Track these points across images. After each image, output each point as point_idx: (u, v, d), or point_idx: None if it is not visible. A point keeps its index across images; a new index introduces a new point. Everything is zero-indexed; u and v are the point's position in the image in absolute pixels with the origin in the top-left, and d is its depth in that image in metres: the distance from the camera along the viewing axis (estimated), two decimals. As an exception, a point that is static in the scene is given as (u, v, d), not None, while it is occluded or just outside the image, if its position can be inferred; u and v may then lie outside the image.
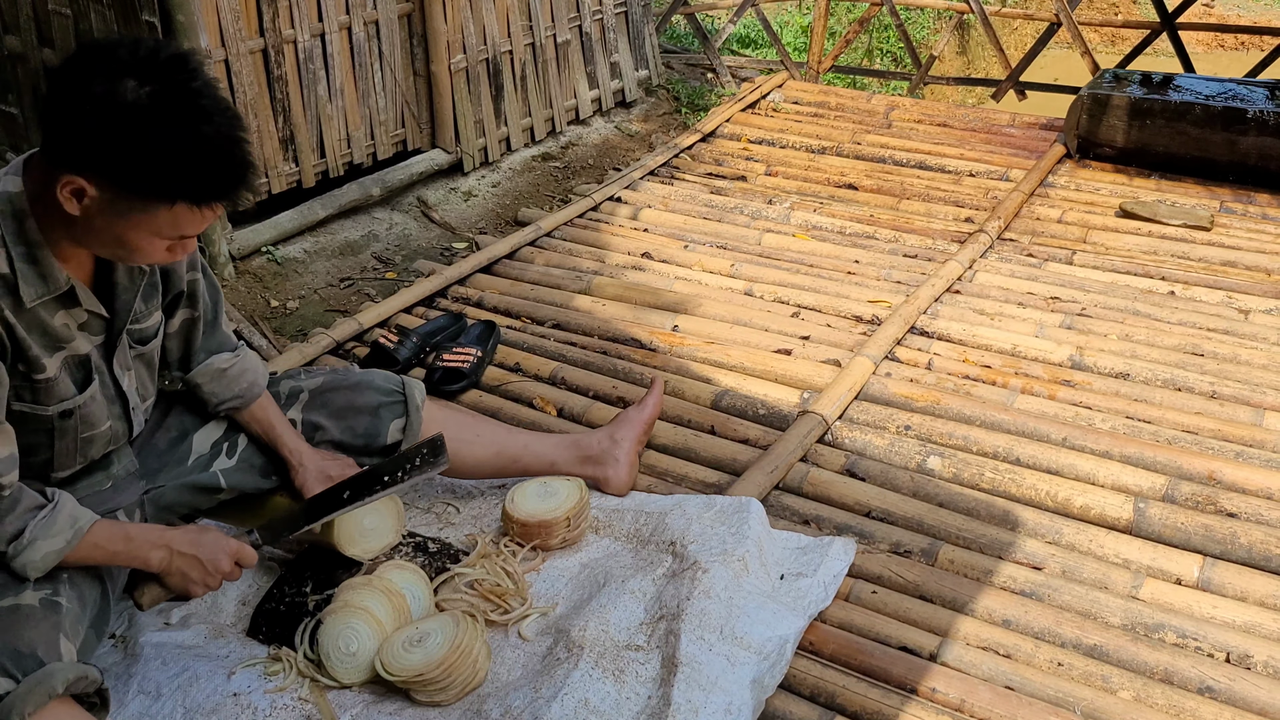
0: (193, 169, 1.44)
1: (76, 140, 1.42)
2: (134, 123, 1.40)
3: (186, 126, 1.42)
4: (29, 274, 1.52)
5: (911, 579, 2.11)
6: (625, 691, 1.77)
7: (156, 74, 1.41)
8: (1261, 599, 2.07)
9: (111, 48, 1.42)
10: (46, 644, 1.52)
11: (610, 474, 2.28)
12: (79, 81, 1.41)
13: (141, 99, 1.40)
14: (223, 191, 1.48)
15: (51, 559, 1.58)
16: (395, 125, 3.92)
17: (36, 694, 1.45)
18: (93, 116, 1.40)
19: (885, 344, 2.92)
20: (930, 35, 9.30)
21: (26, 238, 1.51)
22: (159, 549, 1.68)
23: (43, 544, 1.56)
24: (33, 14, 3.43)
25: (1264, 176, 4.04)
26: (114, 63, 1.41)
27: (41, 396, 1.61)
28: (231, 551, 1.74)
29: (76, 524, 1.60)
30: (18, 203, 1.50)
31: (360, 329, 3.05)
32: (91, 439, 1.73)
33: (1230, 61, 9.93)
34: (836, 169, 4.29)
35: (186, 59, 1.45)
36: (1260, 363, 2.86)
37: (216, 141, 1.45)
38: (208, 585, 1.72)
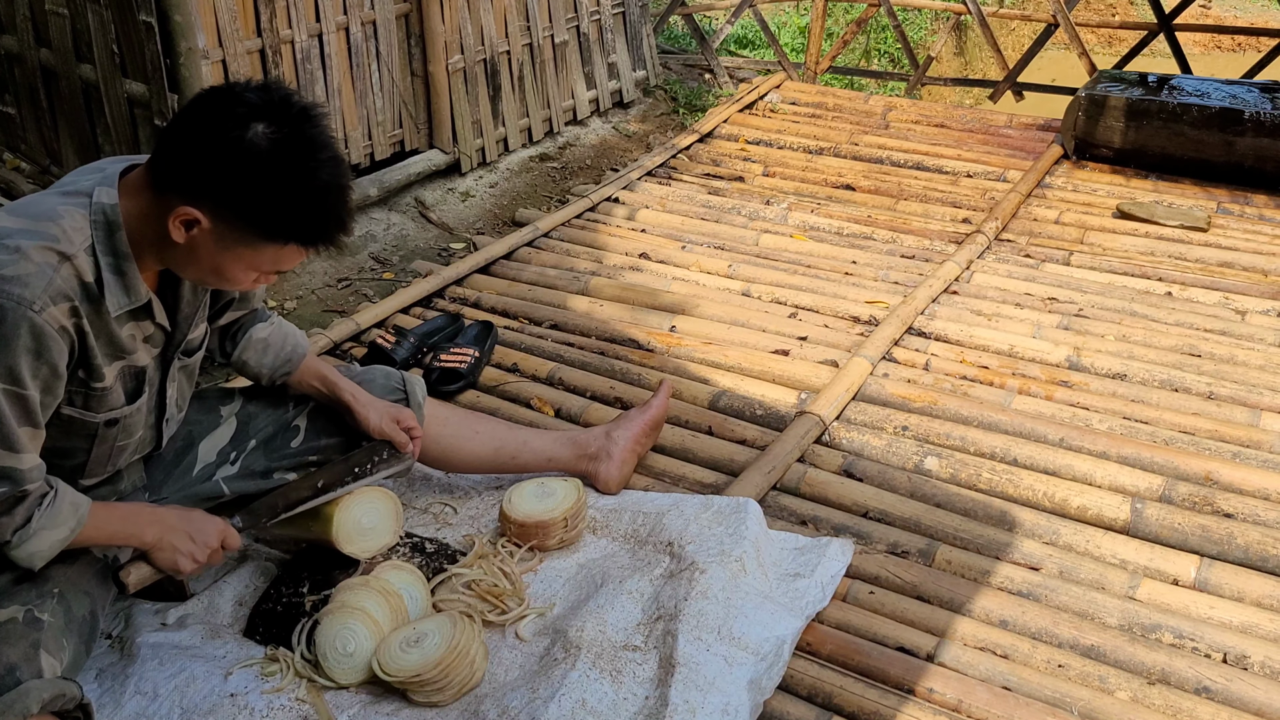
0: (310, 213, 1.51)
1: (201, 176, 1.47)
2: (262, 165, 1.45)
3: (308, 173, 1.48)
4: (114, 285, 1.55)
5: (909, 579, 2.11)
6: (622, 692, 1.77)
7: (285, 121, 1.47)
8: (1258, 599, 2.07)
9: (242, 91, 1.48)
10: (25, 661, 1.51)
11: (602, 470, 2.29)
12: (210, 121, 1.47)
13: (269, 143, 1.45)
14: (331, 235, 1.54)
15: (56, 547, 1.59)
16: (393, 126, 3.92)
17: (10, 714, 1.44)
18: (222, 156, 1.45)
19: (882, 345, 2.92)
20: (928, 36, 9.30)
21: (116, 249, 1.54)
22: (152, 524, 1.70)
23: (48, 533, 1.57)
24: (29, 14, 3.43)
25: (1261, 177, 4.04)
26: (245, 106, 1.46)
27: (93, 404, 1.62)
28: (219, 530, 1.76)
29: (79, 511, 1.61)
30: (111, 215, 1.53)
31: (358, 329, 3.05)
32: (125, 448, 1.75)
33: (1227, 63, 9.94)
34: (834, 170, 4.29)
35: (312, 109, 1.51)
36: (1257, 363, 2.86)
37: (333, 189, 1.52)
38: (195, 559, 1.73)
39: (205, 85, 3.14)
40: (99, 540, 1.66)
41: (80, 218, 1.51)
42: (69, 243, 1.49)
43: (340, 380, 2.03)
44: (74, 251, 1.49)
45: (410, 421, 2.05)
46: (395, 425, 2.03)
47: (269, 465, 2.01)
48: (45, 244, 1.47)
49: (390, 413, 2.03)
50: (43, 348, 1.47)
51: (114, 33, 3.15)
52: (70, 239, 1.49)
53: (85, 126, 3.42)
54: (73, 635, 1.63)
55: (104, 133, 3.36)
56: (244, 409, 2.02)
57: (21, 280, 1.43)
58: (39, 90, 3.53)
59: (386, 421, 2.02)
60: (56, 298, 1.47)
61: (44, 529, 1.56)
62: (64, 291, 1.48)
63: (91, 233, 1.52)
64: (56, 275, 1.47)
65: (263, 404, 2.04)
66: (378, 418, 2.01)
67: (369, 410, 2.01)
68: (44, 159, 3.63)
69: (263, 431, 2.02)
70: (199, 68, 3.12)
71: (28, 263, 1.45)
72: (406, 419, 2.05)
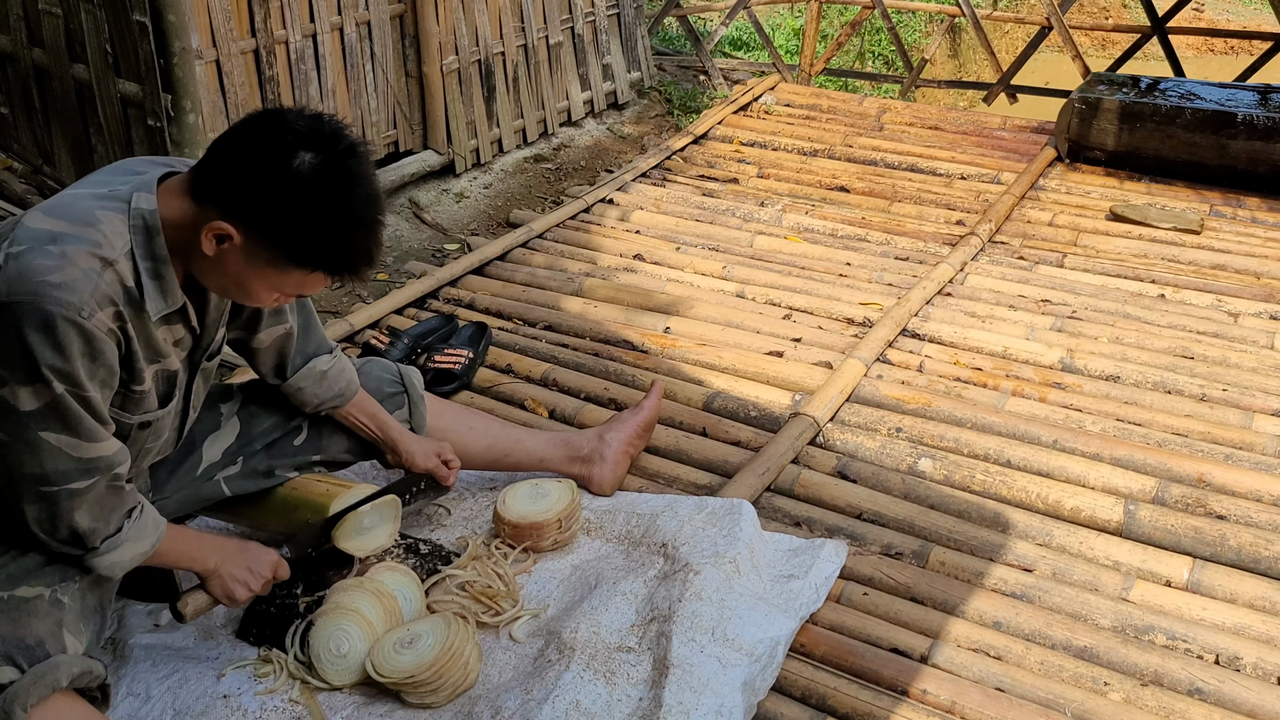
0: (341, 244, 1.52)
1: (241, 194, 1.48)
2: (301, 193, 1.47)
3: (344, 205, 1.50)
4: (153, 289, 1.56)
5: (903, 581, 2.11)
6: (616, 693, 1.77)
7: (332, 152, 1.49)
8: (1250, 601, 2.07)
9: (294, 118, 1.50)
10: (52, 637, 1.55)
11: (594, 472, 2.29)
12: (258, 143, 1.49)
13: (312, 172, 1.47)
14: (357, 267, 1.56)
15: (137, 560, 1.64)
16: (387, 126, 3.91)
17: (40, 685, 1.48)
18: (265, 179, 1.47)
19: (876, 346, 2.92)
20: (922, 38, 9.32)
21: (154, 254, 1.55)
22: (215, 551, 1.76)
23: (132, 545, 1.63)
24: (23, 14, 3.42)
25: (1253, 180, 4.05)
26: (294, 134, 1.48)
27: (130, 406, 1.64)
28: (274, 562, 1.81)
29: (159, 528, 1.67)
30: (150, 220, 1.54)
31: (351, 330, 3.05)
32: (151, 449, 1.77)
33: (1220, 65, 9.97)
34: (828, 171, 4.30)
35: (359, 145, 1.53)
36: (1249, 366, 2.87)
37: (366, 221, 1.53)
38: (250, 590, 1.78)
39: (199, 85, 3.15)
40: (168, 559, 1.72)
41: (120, 222, 1.52)
42: (110, 248, 1.50)
43: (388, 419, 2.10)
44: (115, 257, 1.51)
45: (450, 454, 2.15)
46: (438, 461, 2.13)
47: (271, 465, 2.03)
48: (87, 249, 1.48)
49: (433, 449, 2.13)
50: (96, 351, 1.49)
51: (107, 33, 3.14)
52: (111, 244, 1.51)
53: (78, 127, 3.42)
54: (89, 622, 1.65)
55: (97, 133, 3.35)
56: (245, 408, 2.03)
57: (69, 287, 1.45)
58: (32, 90, 3.52)
59: (431, 459, 2.12)
60: (103, 303, 1.48)
61: (129, 540, 1.62)
62: (109, 296, 1.49)
63: (130, 237, 1.53)
64: (101, 280, 1.48)
65: (263, 403, 2.04)
66: (423, 458, 2.11)
67: (414, 448, 2.11)
68: (37, 159, 3.62)
69: (267, 434, 2.03)
70: (193, 68, 3.11)
71: (73, 269, 1.46)
72: (446, 452, 2.14)
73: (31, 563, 1.60)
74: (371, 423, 2.08)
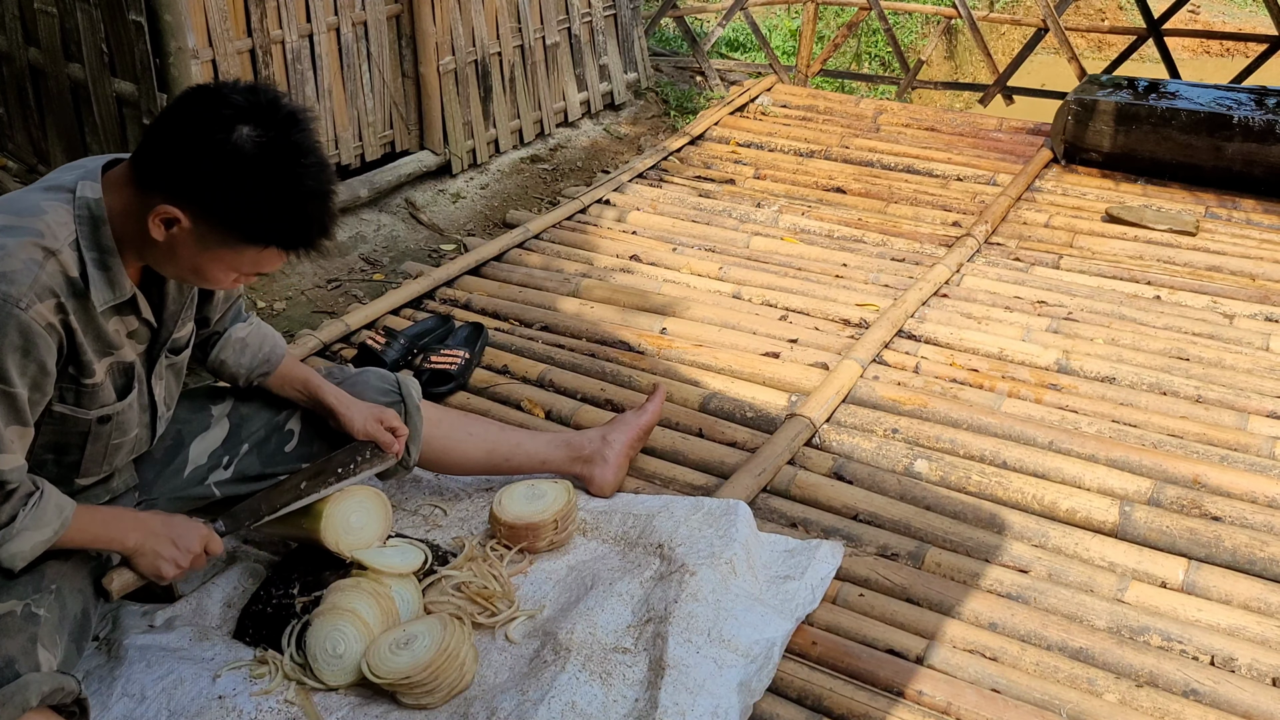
0: (292, 217, 1.49)
1: (184, 175, 1.46)
2: (244, 168, 1.44)
3: (291, 177, 1.47)
4: (99, 279, 1.54)
5: (899, 582, 2.11)
6: (612, 694, 1.77)
7: (272, 124, 1.45)
8: (1245, 602, 2.08)
9: (229, 92, 1.46)
10: (23, 654, 1.51)
11: (596, 473, 2.29)
12: (195, 121, 1.45)
13: (254, 146, 1.44)
14: (312, 240, 1.53)
15: (39, 548, 1.57)
16: (383, 126, 3.91)
17: (10, 707, 1.44)
18: (206, 157, 1.44)
19: (873, 347, 2.92)
20: (918, 40, 9.33)
21: (100, 244, 1.53)
22: (135, 529, 1.69)
23: (32, 534, 1.56)
24: (18, 13, 3.41)
25: (1249, 182, 4.06)
26: (232, 108, 1.44)
27: (85, 400, 1.62)
28: (202, 535, 1.75)
29: (63, 513, 1.60)
30: (96, 209, 1.52)
31: (347, 330, 3.04)
32: (120, 446, 1.74)
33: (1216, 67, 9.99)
34: (825, 172, 4.30)
35: (300, 114, 1.49)
36: (1245, 367, 2.88)
37: (316, 194, 1.50)
38: (178, 565, 1.71)
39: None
40: (81, 543, 1.65)
41: (64, 212, 1.51)
42: (53, 238, 1.48)
43: (322, 384, 2.01)
44: (58, 246, 1.49)
45: (394, 421, 2.04)
46: (379, 425, 2.02)
47: (262, 470, 2.01)
48: (30, 239, 1.46)
49: (374, 413, 2.02)
50: (30, 345, 1.46)
51: (103, 32, 3.14)
52: (55, 234, 1.49)
53: (74, 126, 3.41)
54: (66, 632, 1.62)
55: (92, 132, 3.35)
56: (235, 410, 2.01)
57: (7, 278, 1.43)
58: (27, 89, 3.51)
59: (371, 423, 2.01)
60: (43, 294, 1.46)
61: (27, 529, 1.55)
62: (50, 287, 1.47)
63: (75, 227, 1.51)
64: (42, 271, 1.46)
65: (255, 405, 2.03)
66: (361, 420, 2.00)
67: (352, 413, 2.00)
68: (32, 158, 3.62)
69: (256, 435, 2.01)
70: (189, 67, 3.11)
71: (12, 259, 1.44)
72: (390, 418, 2.04)
73: (3, 578, 1.57)
74: (304, 389, 2.01)
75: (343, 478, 1.98)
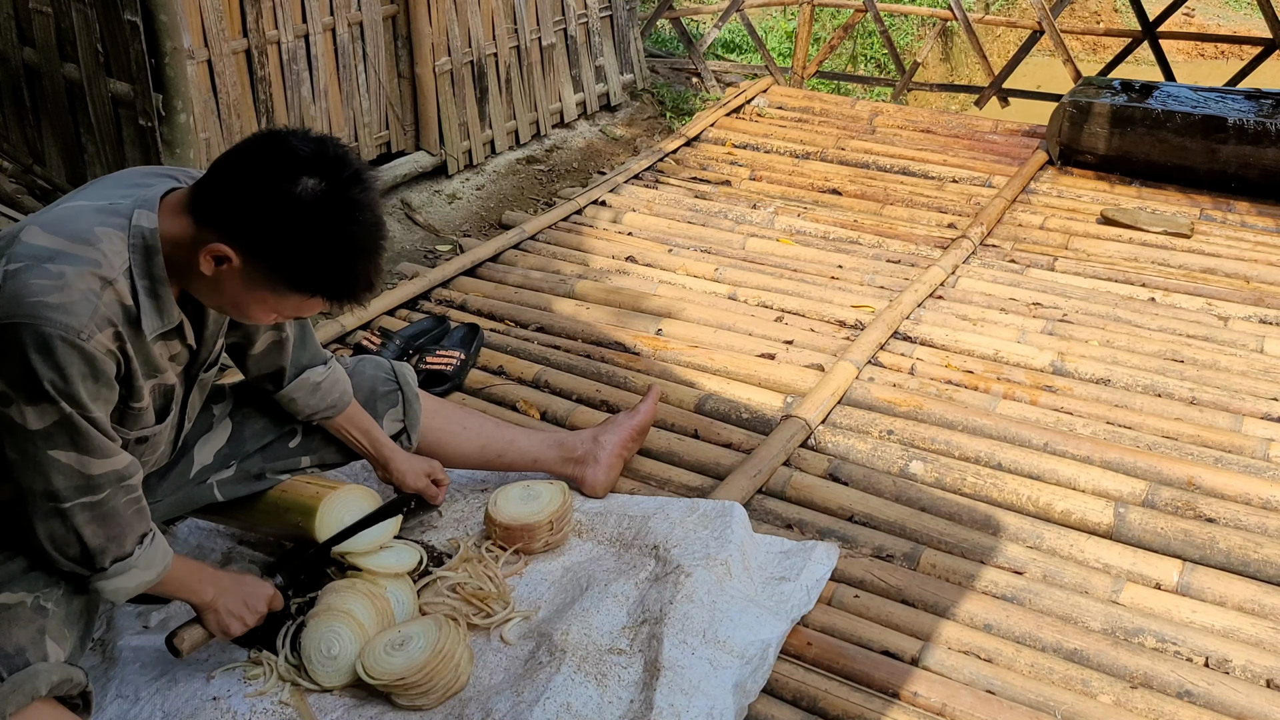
0: (340, 271, 1.51)
1: (242, 218, 1.47)
2: (302, 218, 1.45)
3: (345, 233, 1.48)
4: (150, 308, 1.55)
5: (893, 583, 2.12)
6: (607, 695, 1.77)
7: (335, 180, 1.47)
8: (1240, 603, 2.08)
9: (298, 142, 1.48)
10: (33, 645, 1.54)
11: (588, 474, 2.29)
12: (261, 167, 1.47)
13: (314, 198, 1.45)
14: (356, 295, 1.55)
15: (140, 588, 1.65)
16: (379, 127, 3.91)
17: (19, 694, 1.47)
18: (267, 203, 1.45)
19: (868, 349, 2.93)
20: (914, 42, 9.34)
21: (153, 273, 1.54)
22: (212, 584, 1.77)
23: (139, 573, 1.62)
24: (13, 13, 3.40)
25: (1243, 184, 4.07)
26: (298, 159, 1.46)
27: (128, 422, 1.63)
28: (269, 596, 1.82)
29: (166, 559, 1.67)
30: (150, 239, 1.53)
31: (343, 331, 3.04)
32: (146, 463, 1.76)
33: (1210, 70, 10.01)
34: (820, 174, 4.30)
35: (364, 172, 1.51)
36: (1239, 369, 2.88)
37: (367, 250, 1.52)
38: (245, 624, 1.78)
39: (191, 85, 3.14)
40: (168, 589, 1.72)
41: (119, 240, 1.52)
42: (110, 267, 1.50)
43: (382, 437, 2.10)
44: (115, 276, 1.50)
45: (440, 474, 2.15)
46: (428, 481, 2.13)
47: (263, 468, 2.02)
48: (88, 269, 1.47)
49: (423, 469, 2.13)
50: (98, 372, 1.49)
51: (99, 32, 3.13)
52: (111, 263, 1.50)
53: (69, 126, 3.40)
54: (73, 628, 1.64)
55: (87, 132, 3.34)
56: (237, 409, 2.02)
57: (67, 309, 1.44)
58: (22, 89, 3.50)
59: (421, 479, 2.12)
60: (102, 324, 1.48)
61: (137, 567, 1.62)
62: (108, 317, 1.49)
63: (129, 256, 1.52)
64: (100, 301, 1.48)
65: (256, 405, 2.03)
66: (414, 477, 2.11)
67: (405, 467, 2.10)
68: (27, 158, 3.61)
69: (259, 434, 2.02)
70: (184, 68, 3.10)
71: (72, 290, 1.45)
72: (437, 471, 2.15)
73: (15, 568, 1.59)
74: (364, 438, 2.08)
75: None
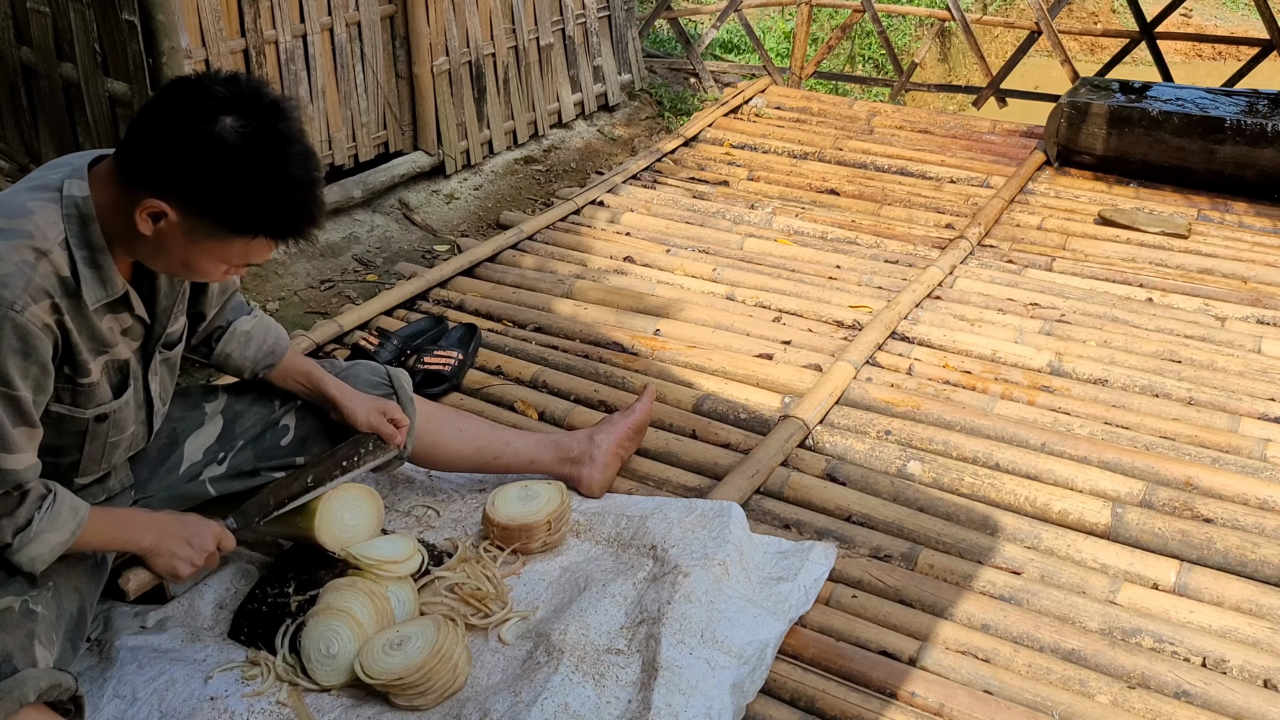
0: (279, 206, 1.48)
1: (168, 169, 1.45)
2: (229, 159, 1.43)
3: (276, 166, 1.45)
4: (90, 278, 1.53)
5: (891, 583, 2.12)
6: (605, 696, 1.77)
7: (255, 114, 1.44)
8: (1237, 604, 2.08)
9: (210, 83, 1.45)
10: (21, 650, 1.52)
11: (584, 474, 2.29)
12: (178, 114, 1.44)
13: (238, 137, 1.43)
14: (300, 229, 1.52)
15: (57, 550, 1.59)
16: (377, 127, 3.90)
17: (8, 701, 1.45)
18: (190, 150, 1.43)
19: (866, 349, 2.93)
20: (912, 42, 9.34)
21: (90, 242, 1.52)
22: (149, 529, 1.71)
23: (49, 536, 1.57)
24: (10, 12, 3.40)
25: (1240, 185, 4.07)
26: (214, 99, 1.43)
27: (81, 400, 1.61)
28: (215, 533, 1.77)
29: (78, 515, 1.61)
30: (84, 207, 1.51)
31: (340, 331, 3.04)
32: (117, 444, 1.74)
33: (1208, 71, 10.02)
34: (818, 174, 4.30)
35: (282, 102, 1.48)
36: (1236, 369, 2.88)
37: (303, 182, 1.49)
38: (193, 563, 1.74)
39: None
40: (96, 545, 1.67)
41: (52, 212, 1.50)
42: (44, 238, 1.48)
43: (325, 376, 2.03)
44: (49, 247, 1.48)
45: (396, 413, 2.06)
46: (382, 417, 2.04)
47: (257, 465, 2.01)
48: (21, 241, 1.46)
49: (376, 405, 2.04)
50: (29, 347, 1.46)
51: (96, 31, 3.13)
52: (45, 234, 1.48)
53: (66, 125, 3.40)
54: (62, 630, 1.63)
55: (84, 132, 3.34)
56: (229, 406, 2.01)
57: (0, 281, 1.42)
58: (19, 89, 3.50)
59: (374, 415, 2.03)
60: (37, 295, 1.46)
61: (44, 532, 1.56)
62: (43, 288, 1.47)
63: (64, 226, 1.50)
64: (35, 273, 1.46)
65: (249, 401, 2.03)
66: (364, 413, 2.02)
67: (355, 405, 2.02)
68: (23, 158, 3.60)
69: (250, 431, 2.01)
70: (182, 67, 3.10)
71: (4, 262, 1.44)
72: (392, 410, 2.06)
73: (2, 574, 1.58)
74: (306, 381, 2.03)
75: (347, 470, 2.00)
